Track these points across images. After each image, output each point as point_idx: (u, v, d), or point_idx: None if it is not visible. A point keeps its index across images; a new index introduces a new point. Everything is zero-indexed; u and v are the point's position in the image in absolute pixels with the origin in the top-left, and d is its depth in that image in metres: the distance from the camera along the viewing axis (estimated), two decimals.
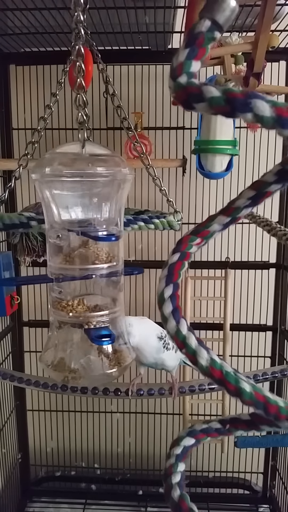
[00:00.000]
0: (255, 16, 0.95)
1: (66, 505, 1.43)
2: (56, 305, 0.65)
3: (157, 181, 0.87)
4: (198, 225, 0.33)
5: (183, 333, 0.30)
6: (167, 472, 0.35)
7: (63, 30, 1.03)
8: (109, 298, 0.67)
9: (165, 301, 0.31)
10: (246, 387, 0.28)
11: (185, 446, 0.37)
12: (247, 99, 0.24)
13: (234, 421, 0.37)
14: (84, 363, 0.64)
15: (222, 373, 0.29)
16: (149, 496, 1.45)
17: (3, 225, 0.78)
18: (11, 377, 0.80)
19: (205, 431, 0.37)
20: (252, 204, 0.31)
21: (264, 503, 1.44)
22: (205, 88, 0.25)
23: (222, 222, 0.32)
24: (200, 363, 0.29)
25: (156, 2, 0.91)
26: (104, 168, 0.60)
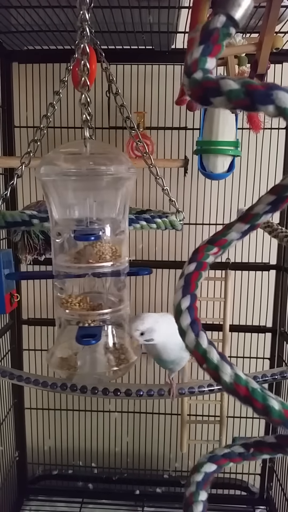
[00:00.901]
0: (259, 17, 0.95)
1: (63, 503, 1.43)
2: (57, 301, 0.66)
3: (159, 181, 0.86)
4: (215, 234, 0.31)
5: (203, 346, 0.28)
6: (187, 502, 0.32)
7: (66, 28, 1.03)
8: (113, 297, 0.67)
9: (182, 312, 0.29)
10: (275, 405, 0.26)
11: (206, 473, 0.34)
12: (268, 90, 0.23)
13: (259, 445, 0.34)
14: (89, 360, 0.64)
15: (248, 390, 0.26)
16: (146, 495, 1.45)
17: (5, 223, 0.78)
18: (10, 375, 0.80)
19: (228, 456, 0.35)
20: (272, 210, 0.29)
21: (261, 504, 1.44)
22: (222, 82, 0.24)
23: (240, 230, 0.30)
24: (223, 379, 0.27)
25: (161, 2, 0.91)
26: (106, 166, 0.60)
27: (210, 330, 1.31)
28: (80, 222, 0.64)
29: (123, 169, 0.61)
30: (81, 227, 0.64)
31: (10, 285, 1.13)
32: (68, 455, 1.53)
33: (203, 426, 1.43)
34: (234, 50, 0.87)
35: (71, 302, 0.63)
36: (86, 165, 0.59)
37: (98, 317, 0.63)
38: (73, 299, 0.64)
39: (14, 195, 1.29)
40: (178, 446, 1.40)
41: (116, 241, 0.66)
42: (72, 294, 0.65)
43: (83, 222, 0.64)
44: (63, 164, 0.59)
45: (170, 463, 1.52)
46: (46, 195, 0.63)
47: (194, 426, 1.41)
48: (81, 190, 0.63)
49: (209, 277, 1.31)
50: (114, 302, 0.67)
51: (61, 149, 0.65)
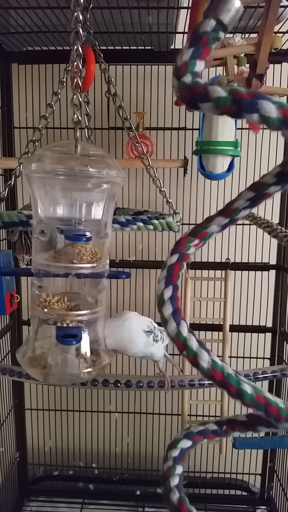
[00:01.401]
0: (258, 17, 0.95)
1: (64, 504, 1.43)
2: (34, 300, 0.65)
3: (157, 182, 0.87)
4: (196, 226, 0.32)
5: (183, 335, 0.30)
6: (165, 475, 0.35)
7: (65, 29, 1.03)
8: (91, 298, 0.67)
9: (165, 302, 0.31)
10: (248, 389, 0.28)
11: (182, 449, 0.36)
12: (254, 99, 0.24)
13: (231, 422, 0.37)
14: (60, 360, 0.64)
15: (224, 375, 0.29)
16: (146, 496, 1.45)
17: (2, 223, 0.78)
18: (10, 371, 0.80)
19: (202, 433, 0.37)
20: (251, 206, 0.30)
21: (261, 504, 1.44)
22: (211, 88, 0.25)
23: (220, 223, 0.32)
24: (201, 365, 0.29)
25: (160, 3, 0.91)
26: (94, 169, 0.60)
27: (210, 330, 1.31)
28: (65, 222, 0.64)
29: (111, 173, 0.61)
30: (68, 227, 0.63)
31: (10, 286, 1.13)
32: (69, 455, 1.53)
33: None
34: (233, 50, 0.87)
35: (50, 301, 0.63)
36: (74, 166, 0.59)
37: (76, 317, 0.63)
38: (51, 299, 0.63)
39: (14, 195, 1.29)
40: None
41: (99, 244, 0.66)
42: (50, 293, 0.64)
43: (70, 222, 0.63)
44: (51, 163, 0.59)
45: None
46: (32, 192, 0.63)
47: None
48: (68, 190, 0.63)
49: (209, 277, 1.31)
50: (92, 304, 0.66)
51: (50, 148, 0.65)
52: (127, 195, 1.28)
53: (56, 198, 0.63)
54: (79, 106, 0.62)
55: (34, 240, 0.66)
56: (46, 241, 0.64)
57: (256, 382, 0.80)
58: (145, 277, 1.38)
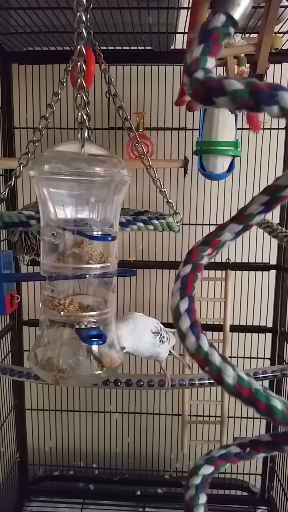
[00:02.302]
0: (258, 17, 0.95)
1: (64, 504, 1.43)
2: (47, 303, 0.65)
3: (157, 182, 0.87)
4: (208, 235, 0.31)
5: (204, 349, 0.28)
6: (188, 506, 0.32)
7: (66, 29, 1.03)
8: (101, 299, 0.66)
9: (181, 315, 0.29)
10: (278, 405, 0.26)
11: (204, 475, 0.34)
12: (272, 91, 0.23)
13: (255, 444, 0.34)
14: (72, 363, 0.64)
15: (251, 391, 0.26)
16: (147, 496, 1.45)
17: (2, 223, 0.78)
18: (10, 371, 0.80)
19: (224, 456, 0.35)
20: (266, 210, 0.29)
21: (262, 504, 1.44)
22: (226, 82, 0.24)
23: (233, 230, 0.30)
24: (226, 381, 0.27)
25: (160, 3, 0.91)
26: (102, 168, 0.60)
27: (211, 331, 1.31)
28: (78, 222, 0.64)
29: (121, 173, 0.61)
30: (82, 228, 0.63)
31: (10, 286, 1.12)
32: (69, 456, 1.53)
33: (203, 426, 1.43)
34: (234, 50, 0.87)
35: (64, 304, 0.63)
36: (82, 167, 0.59)
37: (91, 318, 0.63)
38: (65, 301, 0.63)
39: (14, 196, 1.29)
40: (179, 446, 1.40)
41: (107, 244, 0.65)
42: (62, 296, 0.64)
43: (80, 222, 0.63)
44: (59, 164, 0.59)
45: (171, 463, 1.52)
46: (41, 194, 0.63)
47: (195, 427, 1.41)
48: (77, 191, 0.63)
49: (209, 277, 1.31)
50: (102, 304, 0.66)
51: (57, 149, 0.65)
52: (126, 195, 1.27)
53: (66, 199, 0.63)
54: (83, 106, 0.62)
55: (43, 243, 0.66)
56: (55, 244, 0.64)
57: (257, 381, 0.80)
58: (145, 277, 1.38)
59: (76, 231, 0.63)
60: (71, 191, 0.63)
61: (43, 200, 0.63)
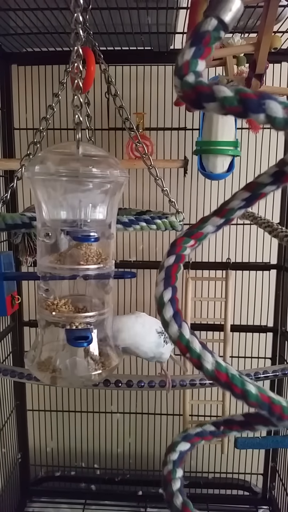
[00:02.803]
0: (257, 17, 0.95)
1: (66, 505, 1.43)
2: (42, 303, 0.65)
3: (159, 182, 0.87)
4: (191, 227, 0.32)
5: (186, 337, 0.29)
6: (166, 479, 0.34)
7: (65, 30, 1.03)
8: (98, 300, 0.66)
9: (165, 304, 0.30)
10: (252, 389, 0.28)
11: (181, 451, 0.36)
12: (260, 99, 0.24)
13: (228, 423, 0.37)
14: (69, 363, 0.64)
15: (228, 376, 0.28)
16: (148, 496, 1.45)
17: (5, 225, 0.78)
18: (11, 372, 0.81)
19: (200, 434, 0.37)
20: (246, 206, 0.30)
21: (263, 504, 1.44)
22: (216, 88, 0.25)
23: (215, 223, 0.31)
24: (205, 367, 0.29)
25: (159, 3, 0.91)
26: (96, 169, 0.59)
27: (211, 330, 1.31)
28: (70, 223, 0.63)
29: (115, 173, 0.61)
30: (73, 228, 0.63)
31: (11, 287, 1.13)
32: (71, 456, 1.53)
33: None
34: (233, 50, 0.87)
35: (57, 304, 0.63)
36: (77, 167, 0.59)
37: (84, 319, 0.63)
38: (58, 301, 0.63)
39: (15, 197, 1.29)
40: None
41: (104, 244, 0.65)
42: (57, 296, 0.64)
43: (74, 223, 0.63)
44: (54, 165, 0.59)
45: None
46: (36, 195, 0.63)
47: None
48: (72, 192, 0.63)
49: (210, 277, 1.31)
50: (98, 305, 0.66)
51: (52, 149, 0.65)
52: (127, 195, 1.28)
53: (60, 200, 0.63)
54: (80, 107, 0.62)
55: (39, 243, 0.66)
56: (51, 244, 0.64)
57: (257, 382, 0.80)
58: (146, 277, 1.38)
59: (66, 231, 0.63)
60: (64, 191, 0.63)
61: (38, 200, 0.63)
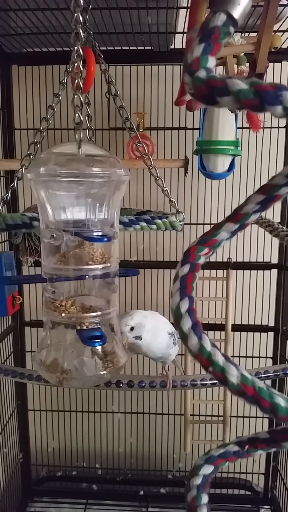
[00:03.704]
0: (258, 16, 0.95)
1: (67, 505, 1.43)
2: (49, 305, 0.65)
3: (159, 182, 0.87)
4: (204, 234, 0.31)
5: (207, 349, 0.28)
6: (191, 507, 0.32)
7: (65, 30, 1.03)
8: (103, 299, 0.66)
9: (182, 316, 0.28)
10: (281, 403, 0.26)
11: (205, 475, 0.34)
12: (277, 91, 0.23)
13: (253, 441, 0.34)
14: (77, 364, 0.64)
15: (255, 390, 0.26)
16: (150, 496, 1.45)
17: (5, 225, 0.78)
18: (13, 373, 0.80)
19: (223, 455, 0.35)
20: (261, 209, 0.29)
21: (265, 504, 1.44)
22: (230, 81, 0.24)
23: (230, 229, 0.30)
24: (230, 381, 0.27)
25: (159, 3, 0.91)
26: (99, 169, 0.59)
27: (213, 330, 1.31)
28: (76, 224, 0.63)
29: (118, 172, 0.61)
30: (80, 229, 0.63)
31: (12, 287, 1.13)
32: (72, 456, 1.53)
33: (206, 426, 1.43)
34: (233, 49, 0.87)
35: (66, 306, 0.63)
36: (80, 167, 0.59)
37: (93, 319, 0.63)
38: (66, 303, 0.63)
39: (15, 197, 1.29)
40: (181, 446, 1.40)
41: (107, 244, 0.65)
42: (64, 297, 0.64)
43: (80, 223, 0.63)
44: (56, 166, 0.59)
45: (174, 463, 1.52)
46: (39, 196, 0.63)
47: (198, 426, 1.41)
48: (76, 192, 0.63)
49: (211, 276, 1.31)
50: (104, 304, 0.66)
51: (54, 150, 0.65)
52: (127, 195, 1.28)
53: (65, 201, 0.63)
54: (80, 107, 0.62)
55: (43, 245, 0.66)
56: (56, 245, 0.64)
57: None
58: (146, 277, 1.38)
59: (74, 232, 0.63)
60: (68, 192, 0.63)
61: (42, 202, 0.63)
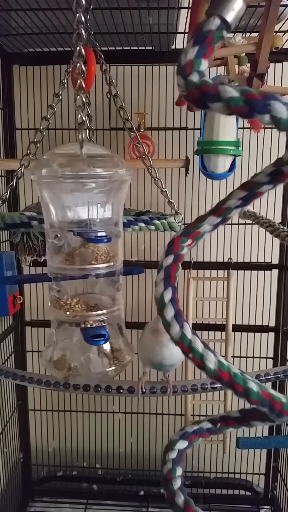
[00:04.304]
0: (259, 17, 0.95)
1: (68, 505, 1.43)
2: (54, 303, 0.65)
3: (158, 182, 0.87)
4: (188, 226, 0.32)
5: (188, 337, 0.29)
6: (166, 478, 0.35)
7: (66, 30, 1.04)
8: (108, 298, 0.67)
9: (165, 305, 0.30)
10: (254, 387, 0.28)
11: (180, 450, 0.36)
12: (265, 100, 0.24)
13: (225, 419, 0.37)
14: (83, 361, 0.65)
15: (231, 375, 0.29)
16: (150, 496, 1.45)
17: (4, 224, 0.78)
18: (13, 375, 0.81)
19: (197, 432, 0.37)
20: (243, 204, 0.30)
21: (265, 504, 1.44)
22: (222, 88, 0.25)
23: (212, 222, 0.31)
24: (208, 366, 0.29)
25: (160, 3, 0.91)
26: (102, 169, 0.60)
27: (213, 330, 1.31)
28: (79, 224, 0.64)
29: (119, 172, 0.61)
30: (83, 229, 0.64)
31: (12, 287, 1.13)
32: (73, 456, 1.53)
33: None
34: (234, 49, 0.87)
35: (70, 304, 0.64)
36: (83, 168, 0.59)
37: (98, 317, 0.64)
38: (71, 301, 0.64)
39: (16, 196, 1.30)
40: None
41: (112, 243, 0.66)
42: (69, 296, 0.65)
43: (83, 223, 0.64)
44: (58, 167, 0.59)
45: None
46: (42, 197, 0.63)
47: None
48: (79, 192, 0.63)
49: (212, 277, 1.31)
50: (109, 302, 0.67)
51: (57, 151, 0.65)
52: (128, 195, 1.28)
53: (68, 201, 0.64)
54: (83, 107, 0.62)
55: (48, 245, 0.66)
56: (60, 245, 0.64)
57: None
58: (147, 277, 1.38)
59: (76, 232, 0.63)
60: (71, 193, 0.63)
61: (45, 202, 0.64)
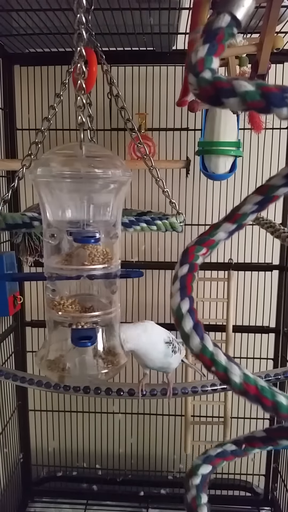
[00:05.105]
0: (260, 17, 0.95)
1: (68, 505, 1.43)
2: (49, 303, 0.65)
3: (160, 183, 0.87)
4: (202, 234, 0.31)
5: (210, 349, 0.28)
6: (191, 507, 0.32)
7: (67, 30, 1.04)
8: (105, 299, 0.67)
9: (183, 316, 0.28)
10: (283, 401, 0.26)
11: (203, 475, 0.34)
12: (283, 93, 0.23)
13: (250, 440, 0.34)
14: (78, 362, 0.64)
15: (258, 388, 0.27)
16: (150, 497, 1.45)
17: (5, 225, 0.78)
18: (13, 376, 0.81)
19: (221, 455, 0.35)
20: (259, 209, 0.29)
21: (265, 505, 1.44)
22: (236, 83, 0.24)
23: (227, 229, 0.30)
24: (233, 380, 0.27)
25: (161, 4, 0.91)
26: (101, 169, 0.60)
27: (214, 331, 1.31)
28: (75, 224, 0.64)
29: (118, 173, 0.61)
30: (77, 229, 0.63)
31: (13, 287, 1.13)
32: (72, 456, 1.53)
33: (207, 427, 1.42)
34: (235, 50, 0.87)
35: (63, 304, 0.63)
36: (80, 168, 0.59)
37: (91, 319, 0.63)
38: (65, 301, 0.64)
39: (17, 197, 1.30)
40: (182, 447, 1.40)
41: (109, 244, 0.66)
42: (63, 296, 0.65)
43: (78, 224, 0.64)
44: (57, 166, 0.59)
45: (174, 464, 1.52)
46: (40, 196, 0.63)
47: (198, 427, 1.41)
48: (76, 193, 0.63)
49: (212, 277, 1.31)
50: (105, 304, 0.66)
51: (56, 151, 0.65)
52: (129, 196, 1.28)
53: (64, 201, 0.63)
54: (83, 107, 0.62)
55: (45, 244, 0.66)
56: (57, 245, 0.64)
57: None
58: (147, 278, 1.38)
59: (69, 232, 0.63)
60: (70, 193, 0.63)
61: (43, 202, 0.64)
